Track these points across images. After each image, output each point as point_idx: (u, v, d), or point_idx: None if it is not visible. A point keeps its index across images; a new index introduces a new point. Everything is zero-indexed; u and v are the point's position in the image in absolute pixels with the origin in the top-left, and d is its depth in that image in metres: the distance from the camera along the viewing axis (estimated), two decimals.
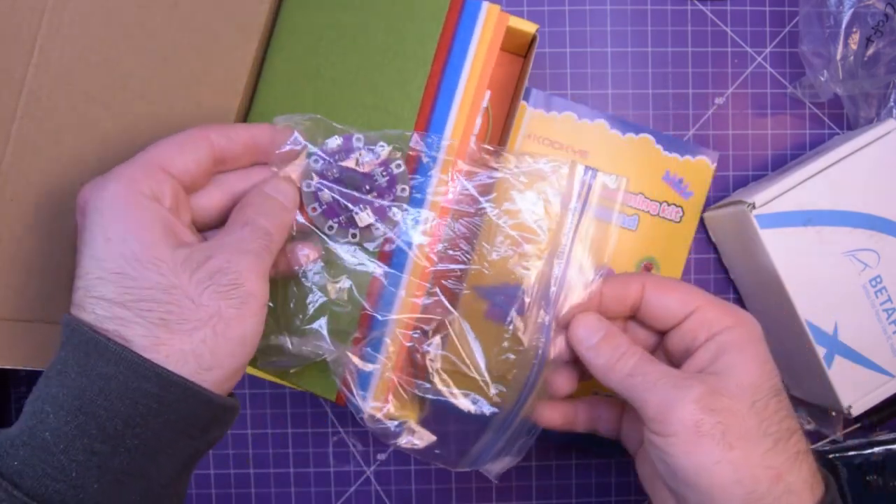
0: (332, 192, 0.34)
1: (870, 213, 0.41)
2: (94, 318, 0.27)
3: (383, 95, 0.36)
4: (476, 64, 0.36)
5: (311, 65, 0.36)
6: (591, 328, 0.33)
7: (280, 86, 0.37)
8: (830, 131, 0.48)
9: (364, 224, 0.35)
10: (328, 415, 0.48)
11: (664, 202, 0.46)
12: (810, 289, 0.41)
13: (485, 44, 0.36)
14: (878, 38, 0.44)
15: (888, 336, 0.42)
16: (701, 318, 0.33)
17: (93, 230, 0.28)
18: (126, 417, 0.26)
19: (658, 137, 0.46)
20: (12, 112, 0.34)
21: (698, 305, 0.33)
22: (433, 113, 0.36)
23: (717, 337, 0.32)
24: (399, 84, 0.36)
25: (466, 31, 0.36)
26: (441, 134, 0.36)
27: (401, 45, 0.36)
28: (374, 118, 0.36)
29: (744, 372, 0.31)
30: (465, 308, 0.36)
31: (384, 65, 0.36)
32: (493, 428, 0.36)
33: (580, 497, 0.48)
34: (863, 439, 0.47)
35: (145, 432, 0.27)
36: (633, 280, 0.34)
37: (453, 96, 0.36)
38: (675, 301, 0.33)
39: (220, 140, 0.32)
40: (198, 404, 0.28)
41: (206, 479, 0.48)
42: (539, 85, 0.47)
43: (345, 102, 0.36)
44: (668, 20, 0.47)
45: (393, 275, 0.35)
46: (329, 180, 0.34)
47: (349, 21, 0.36)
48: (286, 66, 0.37)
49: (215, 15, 0.35)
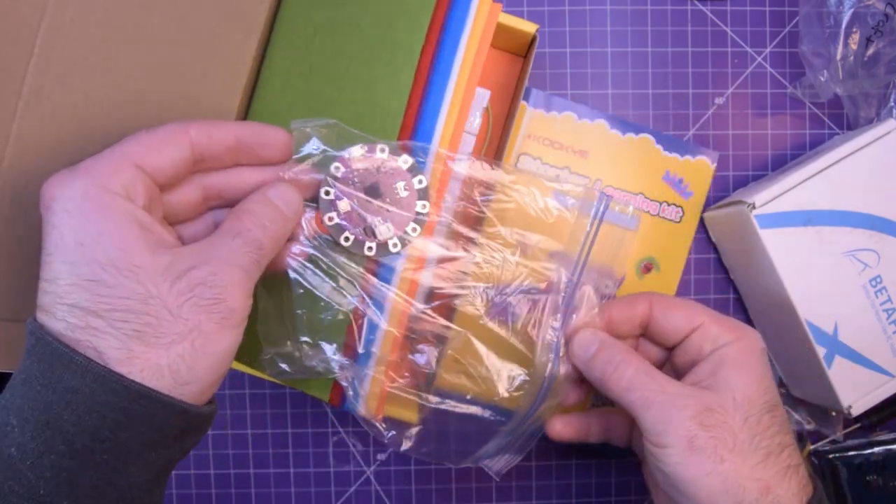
0: (353, 201, 0.33)
1: (870, 213, 0.41)
2: (64, 327, 0.26)
3: (373, 89, 0.35)
4: (468, 56, 0.35)
5: (307, 62, 0.36)
6: (586, 343, 0.34)
7: (277, 84, 0.37)
8: (830, 131, 0.48)
9: (383, 238, 0.34)
10: (328, 415, 0.48)
11: (664, 202, 0.46)
12: (810, 289, 0.41)
13: (476, 36, 0.35)
14: (878, 38, 0.44)
15: (888, 336, 0.42)
16: (705, 332, 0.34)
17: (62, 231, 0.26)
18: (94, 431, 0.25)
19: (658, 137, 0.46)
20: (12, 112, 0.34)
21: (702, 321, 0.34)
22: (423, 106, 0.35)
23: (718, 351, 0.33)
24: (388, 77, 0.35)
25: (458, 22, 0.35)
26: (433, 128, 0.35)
27: (391, 38, 0.35)
28: (363, 113, 0.35)
29: (739, 387, 0.32)
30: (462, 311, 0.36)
31: (375, 58, 0.35)
32: (500, 435, 0.37)
33: (580, 497, 0.48)
34: (863, 439, 0.47)
35: (115, 446, 0.26)
36: (640, 300, 0.36)
37: (444, 89, 0.35)
38: (681, 318, 0.35)
39: (200, 138, 0.30)
40: (171, 415, 0.27)
41: (206, 480, 0.48)
42: (539, 85, 0.47)
43: (336, 98, 0.35)
44: (668, 20, 0.47)
45: (379, 291, 0.34)
46: (349, 189, 0.33)
47: (342, 16, 0.36)
48: (283, 65, 0.37)
49: (215, 14, 0.35)
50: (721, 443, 0.30)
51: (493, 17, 0.35)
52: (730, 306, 0.48)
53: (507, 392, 0.35)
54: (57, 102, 0.34)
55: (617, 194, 0.46)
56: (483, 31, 0.35)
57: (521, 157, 0.46)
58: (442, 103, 0.35)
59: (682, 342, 0.35)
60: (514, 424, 0.36)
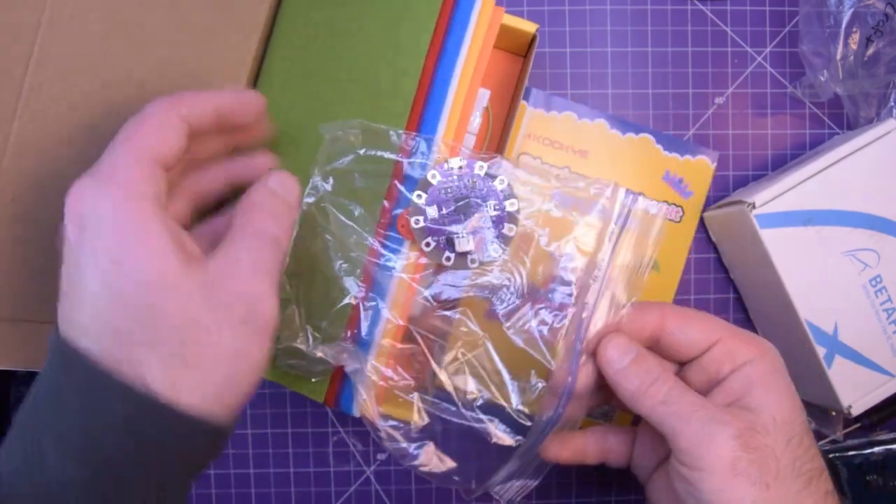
0: (441, 210, 0.33)
1: (870, 213, 0.41)
2: (100, 348, 0.24)
3: (376, 91, 0.35)
4: (470, 59, 0.35)
5: (307, 62, 0.36)
6: (623, 349, 0.32)
7: (277, 84, 0.37)
8: (830, 131, 0.48)
9: (462, 250, 0.34)
10: (328, 415, 0.48)
11: (664, 202, 0.46)
12: (810, 289, 0.41)
13: (479, 39, 0.35)
14: (878, 38, 0.44)
15: (888, 336, 0.42)
16: (724, 349, 0.32)
17: (95, 247, 0.25)
18: (139, 460, 0.24)
19: (658, 137, 0.46)
20: (12, 111, 0.34)
21: (720, 337, 0.32)
22: (426, 108, 0.35)
23: (742, 369, 0.31)
24: (392, 79, 0.35)
25: (460, 26, 0.35)
26: (435, 129, 0.35)
27: (395, 40, 0.35)
28: (366, 114, 0.35)
29: (778, 408, 0.30)
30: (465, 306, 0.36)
31: (378, 60, 0.35)
32: (515, 457, 0.35)
33: (580, 497, 0.48)
34: (863, 439, 0.47)
35: (160, 475, 0.25)
36: (651, 310, 0.33)
37: (447, 91, 0.35)
38: (698, 332, 0.32)
39: (190, 113, 0.28)
40: (215, 439, 0.26)
41: (206, 479, 0.48)
42: (539, 85, 0.47)
43: (338, 99, 0.36)
44: (668, 20, 0.47)
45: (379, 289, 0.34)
46: (442, 197, 0.34)
47: (343, 16, 0.36)
48: (284, 65, 0.37)
49: (215, 14, 0.35)
50: (765, 468, 0.28)
51: (497, 21, 0.36)
52: (730, 306, 0.48)
53: (520, 403, 0.34)
54: (57, 101, 0.34)
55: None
56: (486, 36, 0.35)
57: (521, 156, 0.46)
58: (443, 106, 0.35)
59: (697, 358, 0.33)
60: (531, 442, 0.34)
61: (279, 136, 0.36)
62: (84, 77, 0.34)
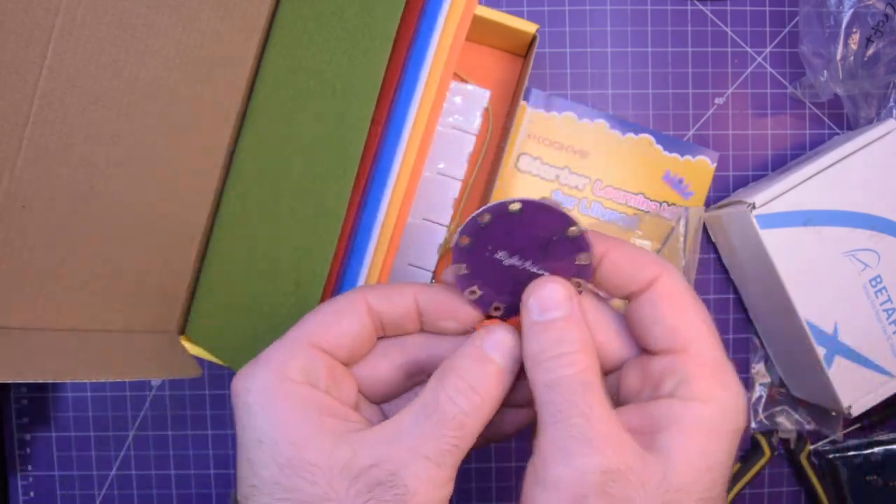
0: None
1: (869, 213, 0.41)
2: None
3: (351, 78, 0.34)
4: (442, 45, 0.33)
5: (296, 58, 0.36)
6: (557, 298, 0.25)
7: (269, 82, 0.37)
8: (830, 131, 0.48)
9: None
10: None
11: (664, 202, 0.46)
12: (810, 289, 0.41)
13: (453, 23, 0.33)
14: (878, 38, 0.44)
15: (888, 336, 0.42)
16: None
17: (244, 426, 0.25)
18: None
19: (658, 137, 0.46)
20: (26, 117, 0.33)
21: (660, 273, 0.26)
22: (397, 93, 0.33)
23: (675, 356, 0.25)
24: (365, 65, 0.33)
25: (433, 9, 0.33)
26: (405, 117, 0.32)
27: (369, 27, 0.34)
28: (339, 101, 0.33)
29: (699, 456, 0.23)
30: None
31: (354, 48, 0.34)
32: None
33: None
34: (863, 439, 0.47)
35: None
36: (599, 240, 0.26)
37: (418, 77, 0.33)
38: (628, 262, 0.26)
39: (379, 304, 0.27)
40: None
41: (206, 480, 0.48)
42: (539, 85, 0.47)
43: (317, 90, 0.35)
44: (668, 20, 0.47)
45: None
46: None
47: (329, 9, 0.35)
48: (276, 62, 0.37)
49: (218, 15, 0.35)
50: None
51: (471, 7, 0.33)
52: (730, 306, 0.48)
53: None
54: (68, 106, 0.34)
55: (617, 194, 0.46)
56: (460, 19, 0.33)
57: (521, 156, 0.46)
58: (415, 91, 0.33)
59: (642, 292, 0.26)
60: None
61: (271, 138, 0.36)
62: (94, 80, 0.34)
